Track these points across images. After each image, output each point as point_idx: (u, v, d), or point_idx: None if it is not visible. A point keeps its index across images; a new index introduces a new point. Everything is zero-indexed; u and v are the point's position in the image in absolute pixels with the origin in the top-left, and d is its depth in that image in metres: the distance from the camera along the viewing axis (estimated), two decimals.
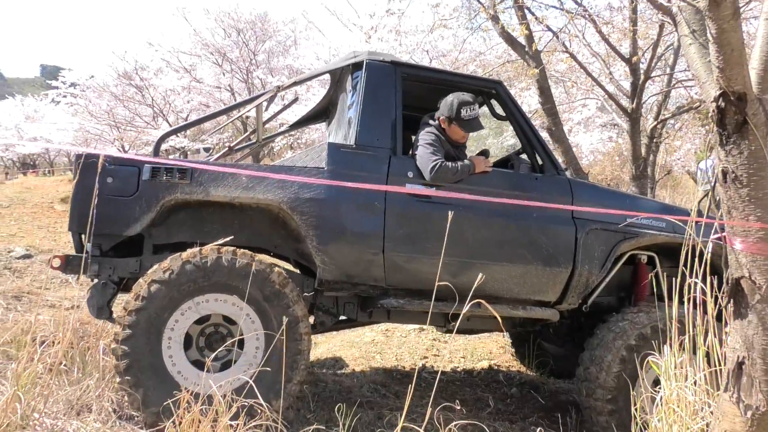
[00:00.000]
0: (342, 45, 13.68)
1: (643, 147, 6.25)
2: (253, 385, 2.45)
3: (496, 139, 14.04)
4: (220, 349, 2.65)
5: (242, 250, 2.89)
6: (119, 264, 2.99)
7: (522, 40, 5.81)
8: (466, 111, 3.28)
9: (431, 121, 3.37)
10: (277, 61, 14.85)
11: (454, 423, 2.08)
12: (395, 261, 3.08)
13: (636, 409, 2.65)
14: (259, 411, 2.25)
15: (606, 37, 6.09)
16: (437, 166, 3.13)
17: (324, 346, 5.01)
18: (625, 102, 6.44)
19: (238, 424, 2.15)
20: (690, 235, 2.61)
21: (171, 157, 12.41)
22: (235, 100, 13.42)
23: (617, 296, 3.66)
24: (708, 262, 3.29)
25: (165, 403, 2.44)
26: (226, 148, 4.02)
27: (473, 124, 3.32)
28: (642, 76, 5.95)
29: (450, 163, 3.17)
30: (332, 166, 3.07)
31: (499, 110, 3.59)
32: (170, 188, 2.93)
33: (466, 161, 3.23)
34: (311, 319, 3.29)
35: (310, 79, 3.94)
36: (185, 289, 2.73)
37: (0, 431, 2.00)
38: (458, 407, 2.55)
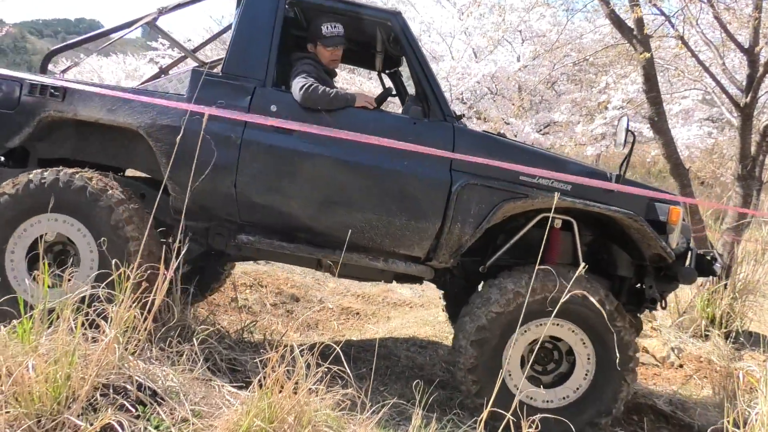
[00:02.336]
0: (434, 20, 13.45)
1: (753, 145, 5.79)
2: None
3: None
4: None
5: (83, 172, 2.97)
6: (5, 174, 3.11)
7: (631, 23, 5.48)
8: (327, 28, 3.14)
9: (308, 52, 3.27)
10: None
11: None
12: (248, 197, 3.00)
13: (728, 421, 2.48)
14: (341, 379, 2.27)
15: (724, 24, 5.64)
16: (309, 85, 2.97)
17: (397, 321, 5.02)
18: (737, 95, 5.98)
19: (319, 389, 2.17)
20: None
21: None
22: None
23: (527, 261, 3.28)
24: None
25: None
26: (158, 71, 4.09)
27: (335, 40, 3.17)
28: (761, 69, 5.48)
29: (324, 88, 3.00)
30: (192, 94, 3.01)
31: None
32: (45, 105, 3.07)
33: (347, 92, 3.07)
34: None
35: (194, 2, 3.82)
36: (27, 206, 2.90)
37: (97, 368, 2.11)
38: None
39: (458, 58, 11.74)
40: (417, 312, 5.26)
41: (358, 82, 12.17)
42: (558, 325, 2.98)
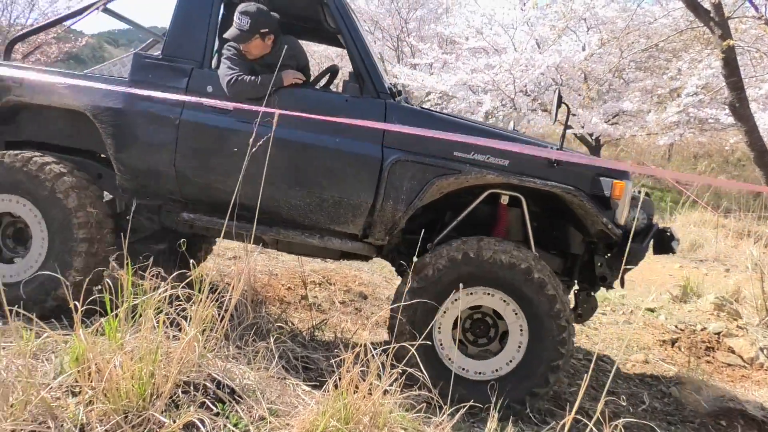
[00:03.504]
0: (495, 12, 13.20)
1: None
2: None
3: None
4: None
5: (22, 153, 3.09)
6: None
7: (707, 5, 5.19)
8: (237, 18, 3.04)
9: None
10: (428, 29, 14.75)
11: (623, 420, 1.92)
12: (187, 175, 3.05)
13: None
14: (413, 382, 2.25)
15: None
16: (233, 79, 2.97)
17: None
18: None
19: (394, 390, 2.16)
20: None
21: None
22: (384, 65, 13.51)
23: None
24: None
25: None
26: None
27: (231, 32, 3.07)
28: None
29: (249, 77, 2.97)
30: (134, 77, 3.09)
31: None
32: (6, 90, 3.21)
33: (273, 75, 2.99)
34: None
35: None
36: None
37: (179, 366, 2.17)
38: (623, 402, 2.38)
39: (521, 50, 11.49)
40: None
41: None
42: (472, 293, 2.90)
